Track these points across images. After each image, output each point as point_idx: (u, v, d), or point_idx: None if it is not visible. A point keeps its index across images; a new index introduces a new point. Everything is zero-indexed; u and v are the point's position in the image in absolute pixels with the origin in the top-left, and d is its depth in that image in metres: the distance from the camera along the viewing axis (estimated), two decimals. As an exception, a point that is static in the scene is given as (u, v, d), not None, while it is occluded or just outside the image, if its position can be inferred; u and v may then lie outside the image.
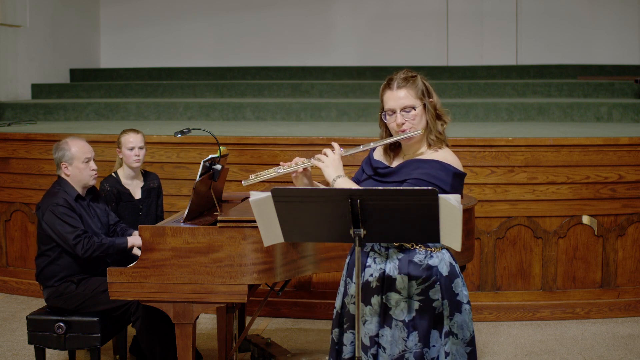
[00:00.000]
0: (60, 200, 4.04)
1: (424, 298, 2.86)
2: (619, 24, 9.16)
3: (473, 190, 5.26)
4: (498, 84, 8.20)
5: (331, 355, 3.05)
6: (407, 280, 2.86)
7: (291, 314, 5.48)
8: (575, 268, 5.38)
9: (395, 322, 2.86)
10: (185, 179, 5.58)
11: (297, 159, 3.00)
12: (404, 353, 2.85)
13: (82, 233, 4.01)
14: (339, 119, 7.14)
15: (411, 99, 2.89)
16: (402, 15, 9.54)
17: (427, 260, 2.88)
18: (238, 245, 3.50)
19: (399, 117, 2.89)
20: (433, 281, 2.87)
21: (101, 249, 4.03)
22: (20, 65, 8.31)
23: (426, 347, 2.85)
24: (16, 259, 6.08)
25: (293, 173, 2.98)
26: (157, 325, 4.04)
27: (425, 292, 2.86)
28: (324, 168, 2.89)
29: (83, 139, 4.25)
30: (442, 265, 2.89)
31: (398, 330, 2.86)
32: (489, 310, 5.37)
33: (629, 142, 5.26)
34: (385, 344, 2.87)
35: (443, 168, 2.86)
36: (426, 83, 2.95)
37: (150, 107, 7.51)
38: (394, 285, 2.87)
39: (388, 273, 2.88)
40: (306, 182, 3.02)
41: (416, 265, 2.87)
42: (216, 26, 9.86)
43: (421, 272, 2.86)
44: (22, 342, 4.84)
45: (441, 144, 2.94)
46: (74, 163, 4.12)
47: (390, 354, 2.87)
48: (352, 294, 2.97)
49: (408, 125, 2.89)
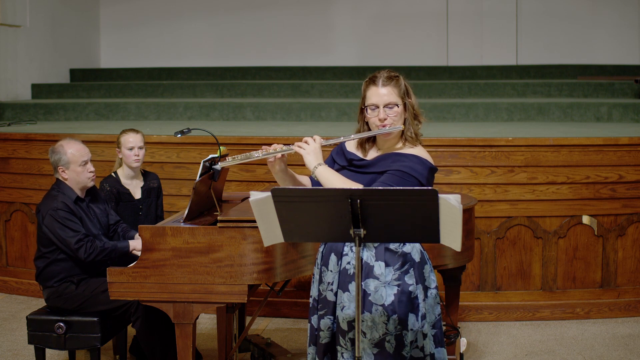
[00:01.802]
0: (59, 204, 4.03)
1: (401, 283, 3.00)
2: (619, 24, 9.16)
3: (473, 190, 5.27)
4: (498, 84, 8.20)
5: (311, 342, 3.17)
6: (384, 266, 3.00)
7: (291, 314, 5.48)
8: (575, 268, 5.38)
9: (376, 307, 2.99)
10: (185, 179, 5.58)
11: (276, 145, 3.12)
12: (384, 336, 2.98)
13: (84, 237, 4.00)
14: (339, 119, 7.14)
15: (394, 97, 3.05)
16: (402, 15, 9.54)
17: (402, 248, 3.03)
18: (238, 245, 3.50)
19: (382, 113, 3.04)
20: (408, 266, 3.02)
21: (103, 253, 4.03)
22: (20, 65, 8.31)
23: (405, 330, 2.99)
24: (16, 259, 6.08)
25: (270, 158, 3.09)
26: (157, 326, 4.04)
27: (402, 277, 3.01)
28: (305, 155, 3.03)
29: (79, 140, 4.20)
30: (414, 252, 3.06)
31: (378, 315, 2.98)
32: (489, 310, 5.37)
33: (629, 142, 5.26)
34: (366, 329, 2.99)
35: (420, 162, 3.02)
36: (407, 84, 3.12)
37: (150, 107, 7.51)
38: (372, 272, 3.01)
39: (366, 261, 3.03)
40: (282, 168, 3.13)
41: (392, 252, 3.03)
42: (216, 26, 9.86)
43: (397, 259, 3.02)
44: (22, 342, 4.84)
45: (416, 142, 3.10)
46: (70, 167, 4.10)
47: (371, 339, 2.99)
48: (328, 282, 3.10)
49: (389, 121, 3.05)
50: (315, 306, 3.15)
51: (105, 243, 4.06)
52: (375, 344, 2.98)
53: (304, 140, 3.06)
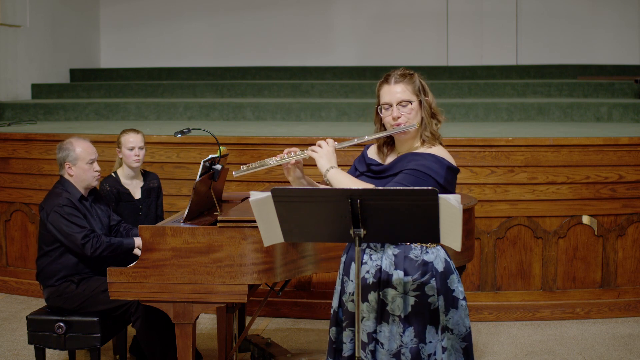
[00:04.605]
0: (64, 200, 4.04)
1: (420, 294, 2.88)
2: (619, 24, 9.17)
3: (473, 190, 5.27)
4: (498, 84, 8.20)
5: (329, 355, 3.06)
6: (403, 275, 2.88)
7: (291, 314, 5.48)
8: (575, 268, 5.38)
9: (392, 318, 2.88)
10: (185, 179, 5.58)
11: (289, 149, 3.04)
12: (400, 348, 2.87)
13: (90, 233, 4.01)
14: (339, 119, 7.14)
15: (408, 94, 2.95)
16: (402, 15, 9.54)
17: (423, 256, 2.90)
18: (238, 245, 3.50)
19: (395, 111, 2.94)
20: (429, 277, 2.88)
21: (110, 248, 4.04)
22: (20, 65, 8.31)
23: (422, 342, 2.88)
24: (16, 259, 6.08)
25: (285, 165, 3.02)
26: (157, 326, 4.04)
27: (421, 287, 2.88)
28: (317, 158, 2.95)
29: (87, 139, 4.23)
30: (437, 261, 2.91)
31: (395, 326, 2.88)
32: (489, 310, 5.37)
33: (629, 142, 5.26)
34: (383, 339, 2.89)
35: (437, 161, 2.90)
36: (422, 81, 3.01)
37: (150, 107, 7.51)
38: (391, 281, 2.89)
39: (384, 269, 2.90)
40: (298, 175, 3.05)
41: (412, 261, 2.89)
42: (216, 26, 9.86)
43: (417, 268, 2.89)
44: (22, 342, 4.84)
45: (435, 142, 2.99)
46: (78, 164, 4.12)
47: (388, 350, 2.89)
48: (349, 292, 2.98)
49: (403, 120, 2.94)
50: (335, 319, 3.05)
51: (112, 238, 4.08)
52: (392, 354, 2.88)
53: (318, 143, 2.98)
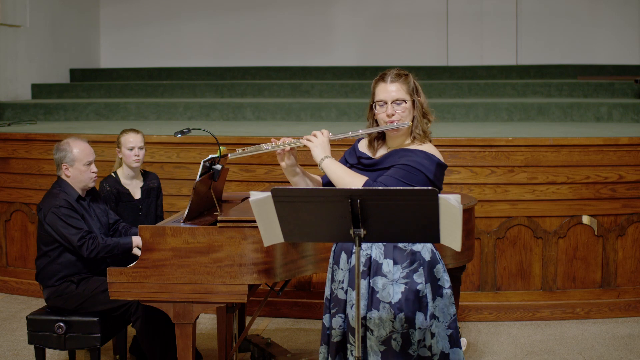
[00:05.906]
0: (62, 201, 4.03)
1: (409, 281, 3.01)
2: (619, 24, 9.16)
3: (473, 190, 5.27)
4: (498, 84, 8.20)
5: (323, 341, 3.21)
6: (392, 264, 3.02)
7: (291, 314, 5.48)
8: (575, 268, 5.38)
9: (383, 305, 3.01)
10: (185, 179, 5.58)
11: (285, 138, 3.16)
12: (391, 334, 2.99)
13: (87, 234, 4.01)
14: (339, 119, 7.14)
15: (402, 93, 3.07)
16: (402, 15, 9.54)
17: (411, 246, 3.04)
18: (238, 245, 3.50)
19: (390, 108, 3.06)
20: (417, 265, 3.03)
21: (106, 249, 4.03)
22: (20, 65, 8.31)
23: (412, 328, 3.00)
24: (16, 259, 6.08)
25: (279, 151, 3.12)
26: (157, 325, 4.04)
27: (410, 275, 3.02)
28: (312, 147, 3.07)
29: (85, 140, 4.22)
30: (424, 251, 3.07)
31: (385, 312, 2.99)
32: (489, 310, 5.37)
33: (629, 142, 5.26)
34: (373, 326, 3.01)
35: (428, 158, 3.03)
36: (416, 83, 3.14)
37: (150, 107, 7.51)
38: (381, 270, 3.03)
39: (374, 258, 3.05)
40: (292, 162, 3.16)
41: (401, 250, 3.04)
42: (216, 26, 9.86)
43: (405, 257, 3.04)
44: (22, 342, 4.84)
45: (425, 139, 3.12)
46: (75, 165, 4.11)
47: (378, 337, 3.01)
48: (339, 280, 3.14)
49: (397, 117, 3.07)
50: (328, 305, 3.17)
51: (108, 240, 4.07)
52: (382, 341, 3.00)
53: (313, 133, 3.10)
